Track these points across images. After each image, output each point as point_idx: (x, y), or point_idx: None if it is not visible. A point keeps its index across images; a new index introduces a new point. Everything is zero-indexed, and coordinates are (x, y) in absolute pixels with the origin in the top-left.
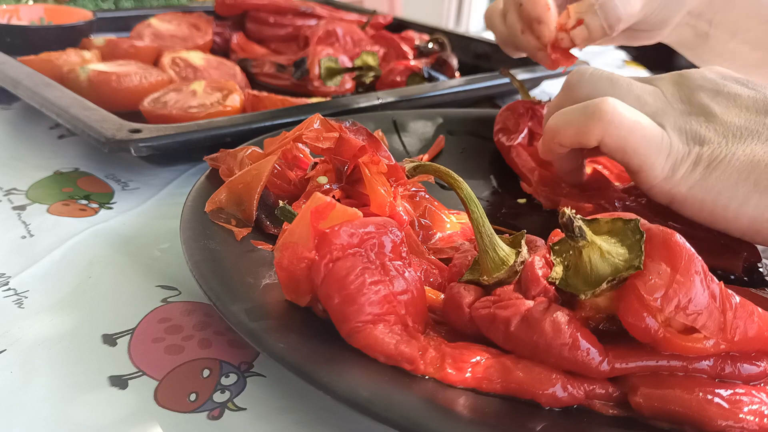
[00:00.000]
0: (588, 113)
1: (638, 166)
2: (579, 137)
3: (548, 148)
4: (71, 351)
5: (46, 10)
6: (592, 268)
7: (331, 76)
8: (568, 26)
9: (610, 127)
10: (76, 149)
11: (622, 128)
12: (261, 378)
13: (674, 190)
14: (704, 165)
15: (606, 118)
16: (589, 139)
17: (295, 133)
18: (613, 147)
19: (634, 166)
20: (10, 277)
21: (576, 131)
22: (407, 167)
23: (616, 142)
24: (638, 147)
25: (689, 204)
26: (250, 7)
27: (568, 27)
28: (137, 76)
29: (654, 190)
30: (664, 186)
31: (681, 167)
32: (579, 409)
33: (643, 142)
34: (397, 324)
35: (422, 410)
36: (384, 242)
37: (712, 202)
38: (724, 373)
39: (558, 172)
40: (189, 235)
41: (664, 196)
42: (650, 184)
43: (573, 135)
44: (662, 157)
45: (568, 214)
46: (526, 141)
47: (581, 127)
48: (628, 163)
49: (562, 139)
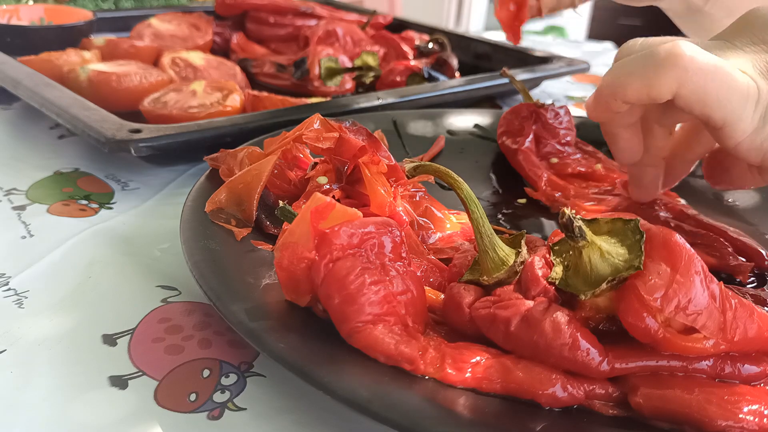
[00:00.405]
0: (659, 60)
1: (722, 119)
2: (648, 89)
3: (605, 106)
4: (71, 351)
5: (46, 10)
6: (592, 268)
7: (331, 76)
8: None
9: (686, 73)
10: (76, 149)
11: (701, 74)
12: (261, 378)
13: (767, 143)
14: None
15: (681, 62)
16: (661, 91)
17: (295, 133)
18: (692, 99)
19: (716, 120)
20: (10, 277)
21: (644, 82)
22: (407, 167)
23: (695, 92)
24: (721, 95)
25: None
26: (250, 7)
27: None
28: (137, 76)
29: (742, 146)
30: (755, 140)
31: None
32: (579, 409)
33: (726, 90)
34: (397, 324)
35: (422, 410)
36: (384, 242)
37: None
38: (724, 373)
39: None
40: (189, 235)
41: (754, 153)
42: (737, 139)
43: (640, 87)
44: (750, 105)
45: (568, 215)
46: (533, 145)
47: (650, 76)
48: (709, 117)
49: (626, 93)
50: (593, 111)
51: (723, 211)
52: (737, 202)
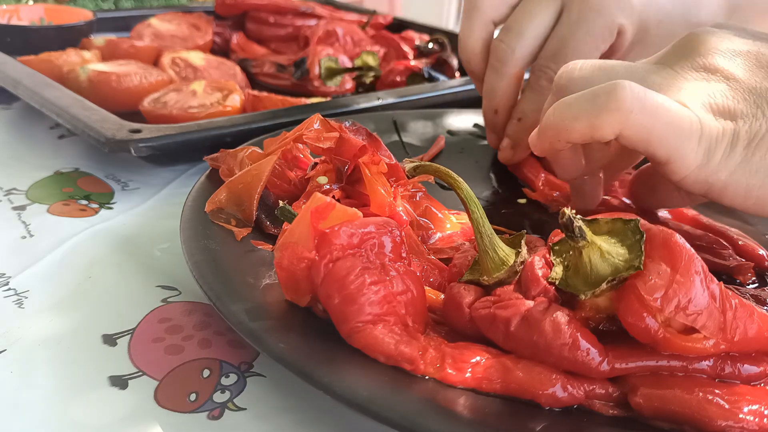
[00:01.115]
0: (601, 102)
1: (666, 156)
2: (592, 131)
3: (549, 145)
4: (71, 351)
5: (46, 10)
6: (592, 268)
7: (331, 76)
8: None
9: (630, 116)
10: (76, 149)
11: (644, 115)
12: (261, 378)
13: (712, 178)
14: (743, 144)
15: (624, 105)
16: (604, 133)
17: (295, 133)
18: (635, 139)
19: (661, 157)
20: (10, 277)
21: (588, 125)
22: (407, 167)
23: (639, 133)
24: (665, 134)
25: (731, 191)
26: (250, 7)
27: None
28: (137, 76)
29: (687, 180)
30: (699, 174)
31: (717, 150)
32: (579, 409)
33: (670, 129)
34: (397, 324)
35: (422, 410)
36: (384, 242)
37: (761, 185)
38: (724, 373)
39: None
40: (189, 235)
41: (699, 186)
42: (682, 174)
43: (584, 129)
44: (693, 142)
45: (568, 214)
46: None
47: (594, 119)
48: (654, 155)
49: (569, 135)
50: (537, 148)
51: (722, 211)
52: None
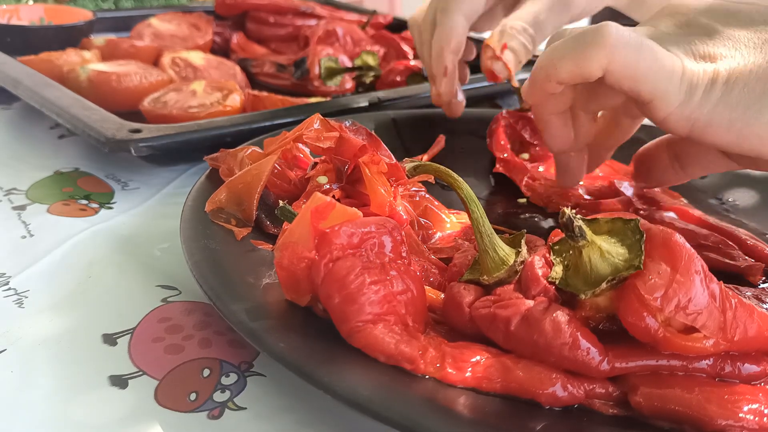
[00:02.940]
0: (588, 40)
1: (650, 93)
2: (580, 68)
3: (541, 88)
4: (71, 351)
5: (46, 10)
6: (592, 267)
7: (331, 76)
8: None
9: (615, 50)
10: (76, 149)
11: (629, 50)
12: (261, 377)
13: (694, 114)
14: (723, 81)
15: (610, 41)
16: (591, 68)
17: (295, 133)
18: (621, 74)
19: (645, 94)
20: (10, 277)
21: (576, 62)
22: (407, 167)
23: (624, 67)
24: (649, 70)
25: (714, 127)
26: (250, 7)
27: (498, 54)
28: (137, 76)
29: (671, 119)
30: (682, 111)
31: (698, 88)
32: (579, 408)
33: (654, 65)
34: (397, 324)
35: (422, 410)
36: (384, 242)
37: (741, 118)
38: (724, 373)
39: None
40: (189, 235)
41: (683, 124)
42: (666, 111)
43: (572, 67)
44: (676, 79)
45: (568, 214)
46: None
47: (581, 55)
48: (639, 92)
49: (558, 73)
50: (530, 94)
51: (723, 211)
52: (737, 202)
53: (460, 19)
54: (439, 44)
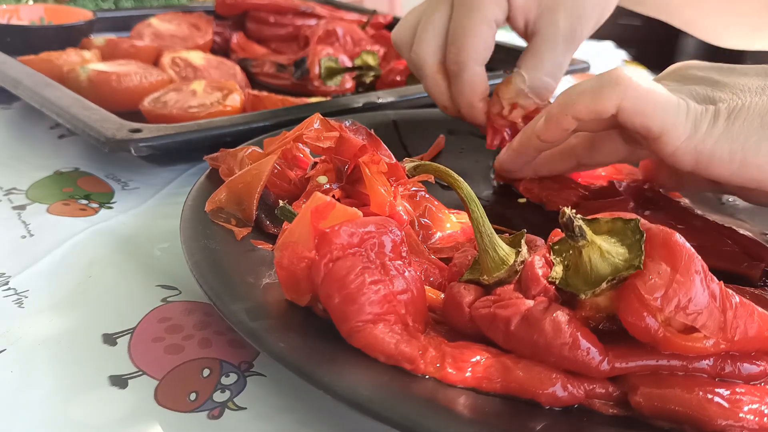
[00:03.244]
0: (604, 80)
1: (660, 128)
2: (596, 105)
3: (557, 124)
4: (71, 351)
5: (46, 10)
6: (592, 267)
7: (331, 76)
8: (505, 113)
9: (628, 90)
10: (76, 149)
11: (640, 90)
12: (261, 377)
13: (700, 147)
14: (724, 117)
15: (623, 82)
16: (606, 106)
17: (295, 133)
18: (633, 111)
19: (655, 129)
20: (10, 276)
21: (592, 99)
22: (407, 167)
23: (636, 105)
24: (657, 108)
25: (717, 158)
26: (250, 7)
27: (505, 114)
28: (137, 75)
29: (678, 152)
30: (689, 144)
31: (702, 123)
32: (579, 408)
33: (662, 103)
34: (397, 323)
35: (422, 410)
36: (384, 242)
37: (741, 148)
38: (724, 373)
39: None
40: (189, 235)
41: (689, 157)
42: (674, 145)
43: (589, 104)
44: (682, 116)
45: (568, 214)
46: None
47: (598, 94)
48: (649, 128)
49: (576, 109)
50: (545, 130)
51: (723, 211)
52: (737, 202)
53: (478, 69)
54: (467, 99)
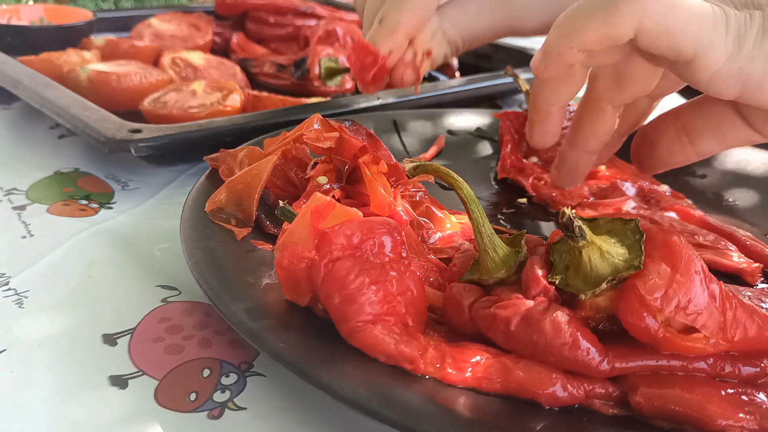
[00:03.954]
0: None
1: (693, 49)
2: (608, 28)
3: (558, 57)
4: (71, 351)
5: (46, 10)
6: (592, 268)
7: (331, 76)
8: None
9: (647, 4)
10: (76, 149)
11: (664, 2)
12: (261, 377)
13: (747, 68)
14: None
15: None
16: (621, 28)
17: (295, 133)
18: (656, 32)
19: (687, 50)
20: (10, 277)
21: (602, 21)
22: (407, 167)
23: (660, 24)
24: (688, 23)
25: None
26: (250, 7)
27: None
28: (137, 76)
29: (718, 77)
30: (732, 66)
31: (748, 36)
32: (579, 408)
33: (693, 16)
34: (397, 324)
35: (422, 410)
36: (384, 242)
37: None
38: (724, 373)
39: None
40: (189, 235)
41: (732, 83)
42: (713, 68)
43: (598, 27)
44: (720, 28)
45: (568, 214)
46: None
47: (609, 14)
48: (680, 48)
49: (583, 37)
50: (541, 65)
51: (723, 211)
52: (737, 202)
53: None
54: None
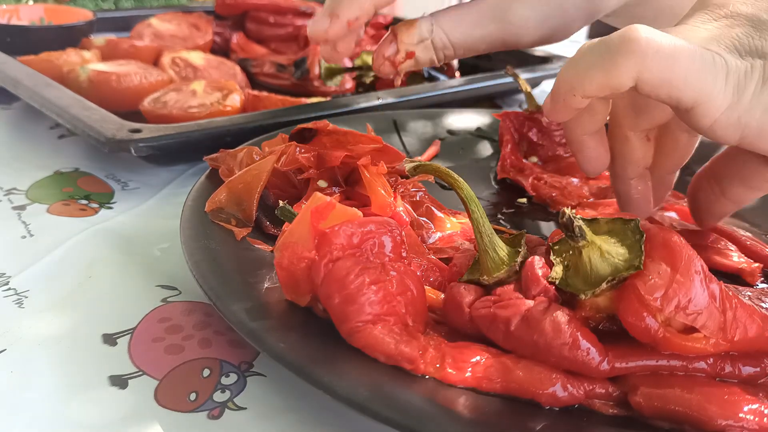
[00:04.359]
0: (614, 47)
1: (693, 98)
2: (607, 79)
3: (564, 103)
4: (71, 351)
5: (46, 10)
6: (592, 268)
7: (331, 76)
8: (398, 60)
9: (647, 57)
10: (76, 149)
11: (663, 55)
12: (261, 377)
13: (745, 117)
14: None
15: (639, 47)
16: (621, 79)
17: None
18: (656, 82)
19: (687, 100)
20: (10, 277)
21: (602, 73)
22: (407, 167)
23: (659, 74)
24: (688, 73)
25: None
26: (250, 7)
27: (398, 61)
28: (137, 76)
29: (718, 125)
30: (731, 116)
31: (747, 87)
32: (579, 408)
33: (693, 67)
34: (397, 324)
35: (422, 410)
36: (384, 242)
37: None
38: (724, 373)
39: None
40: (189, 235)
41: (732, 131)
42: (712, 117)
43: (598, 78)
44: (720, 79)
45: (568, 214)
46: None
47: (609, 65)
48: (679, 99)
49: (584, 86)
50: (551, 110)
51: None
52: None
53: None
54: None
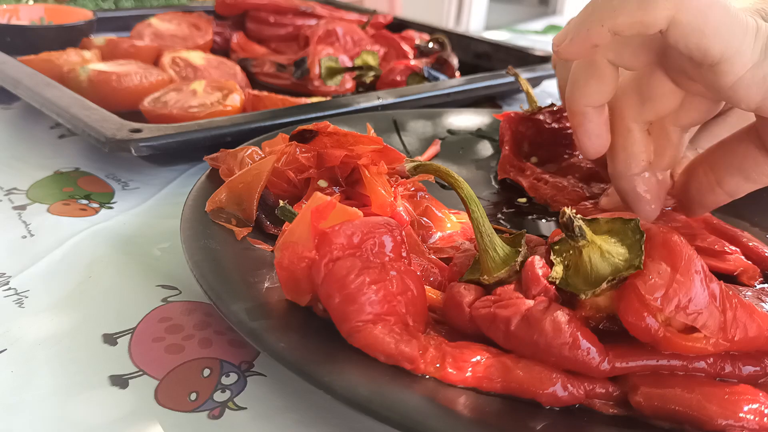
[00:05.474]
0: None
1: (720, 51)
2: (643, 14)
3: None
4: (71, 350)
5: (46, 10)
6: (592, 267)
7: (332, 76)
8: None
9: None
10: (77, 149)
11: (701, 1)
12: (261, 377)
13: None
14: None
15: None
16: (656, 16)
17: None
18: (689, 27)
19: (714, 52)
20: (10, 276)
21: (638, 6)
22: (407, 167)
23: (694, 19)
24: (720, 25)
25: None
26: (250, 7)
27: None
28: (137, 75)
29: (741, 83)
30: (755, 74)
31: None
32: (579, 408)
33: (726, 18)
34: (397, 323)
35: (422, 409)
36: (384, 242)
37: None
38: (724, 373)
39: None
40: (189, 235)
41: (754, 91)
42: (737, 74)
43: (635, 12)
44: (750, 36)
45: (569, 214)
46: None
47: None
48: (707, 49)
49: (616, 19)
50: (568, 43)
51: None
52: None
53: None
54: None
